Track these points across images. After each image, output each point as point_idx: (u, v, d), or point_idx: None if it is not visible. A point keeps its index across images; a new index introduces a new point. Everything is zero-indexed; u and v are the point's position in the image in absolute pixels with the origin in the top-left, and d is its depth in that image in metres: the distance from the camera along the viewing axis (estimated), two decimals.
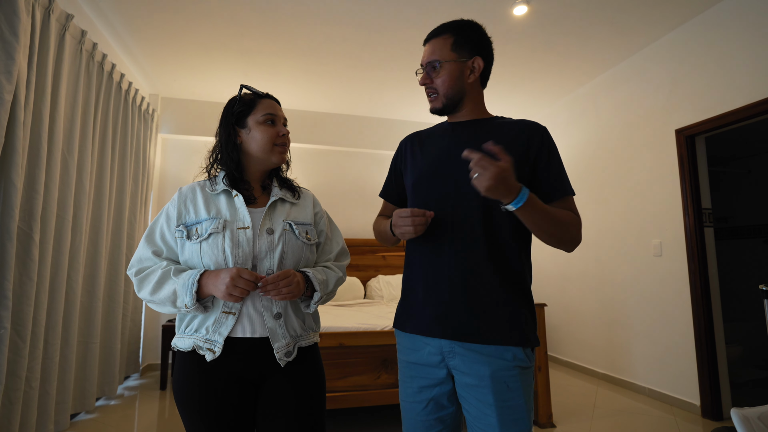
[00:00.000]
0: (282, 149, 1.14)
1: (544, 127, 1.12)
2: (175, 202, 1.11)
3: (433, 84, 1.14)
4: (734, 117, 2.60)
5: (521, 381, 0.99)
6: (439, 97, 1.14)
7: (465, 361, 1.01)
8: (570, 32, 2.99)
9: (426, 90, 1.17)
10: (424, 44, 1.18)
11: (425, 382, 1.07)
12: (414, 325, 1.10)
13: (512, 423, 0.97)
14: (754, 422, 1.02)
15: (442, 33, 1.14)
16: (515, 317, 1.02)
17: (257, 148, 1.12)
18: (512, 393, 0.98)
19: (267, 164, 1.15)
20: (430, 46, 1.14)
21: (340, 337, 2.29)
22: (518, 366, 1.00)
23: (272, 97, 1.18)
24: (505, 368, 0.99)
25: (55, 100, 2.26)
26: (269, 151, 1.12)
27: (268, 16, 2.82)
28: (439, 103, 1.15)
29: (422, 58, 1.16)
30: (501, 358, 0.99)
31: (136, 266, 1.07)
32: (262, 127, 1.12)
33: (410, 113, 4.57)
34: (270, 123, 1.13)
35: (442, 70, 1.12)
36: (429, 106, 1.19)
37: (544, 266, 4.34)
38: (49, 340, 2.24)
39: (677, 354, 2.92)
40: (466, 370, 1.01)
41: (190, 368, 1.03)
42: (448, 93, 1.13)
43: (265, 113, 1.13)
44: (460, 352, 1.02)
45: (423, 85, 1.16)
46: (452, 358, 1.03)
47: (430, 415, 1.06)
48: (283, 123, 1.17)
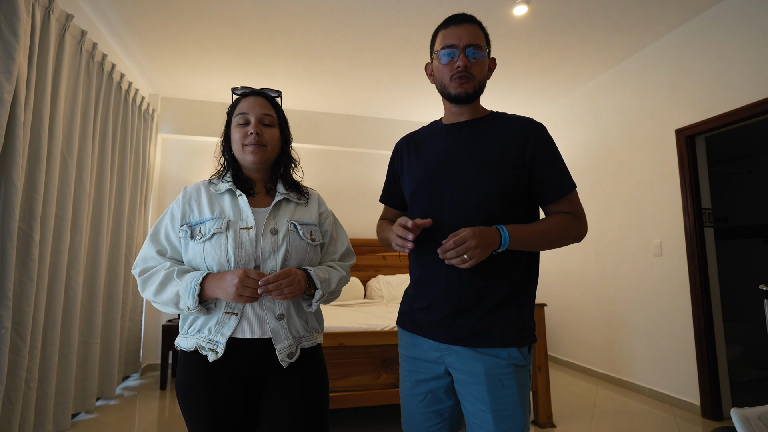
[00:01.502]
0: (253, 148, 1.10)
1: (540, 124, 1.11)
2: (180, 202, 1.11)
3: (471, 70, 1.07)
4: (734, 117, 2.60)
5: (516, 378, 1.00)
6: (472, 81, 1.07)
7: (460, 359, 1.03)
8: (570, 32, 2.99)
9: (460, 72, 1.06)
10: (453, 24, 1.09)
11: (423, 375, 1.10)
12: (414, 326, 1.12)
13: (506, 419, 0.98)
14: (754, 422, 1.02)
15: (473, 22, 1.09)
16: (512, 320, 1.03)
17: (235, 149, 1.13)
18: (507, 390, 0.99)
19: (246, 164, 1.14)
20: (469, 30, 1.07)
21: (341, 337, 2.29)
22: (513, 364, 1.01)
23: (257, 94, 1.15)
24: (500, 366, 1.00)
25: (55, 100, 2.26)
26: (242, 151, 1.11)
27: (267, 16, 2.82)
28: (472, 87, 1.08)
29: (454, 38, 1.07)
30: (496, 356, 1.01)
31: (141, 266, 1.07)
32: (236, 128, 1.12)
33: (410, 113, 4.58)
34: (242, 124, 1.11)
35: (483, 59, 1.08)
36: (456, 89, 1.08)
37: (544, 266, 4.34)
38: (47, 340, 2.24)
39: (677, 354, 2.92)
40: (462, 368, 1.03)
41: (193, 368, 1.03)
42: (481, 82, 1.09)
43: (239, 113, 1.12)
44: (457, 350, 1.04)
45: (463, 68, 1.06)
46: (448, 356, 1.05)
47: (428, 407, 1.09)
48: (263, 121, 1.12)
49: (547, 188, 1.08)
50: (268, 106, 1.15)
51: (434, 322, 1.06)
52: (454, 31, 1.08)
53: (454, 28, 1.08)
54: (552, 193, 1.09)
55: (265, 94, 1.17)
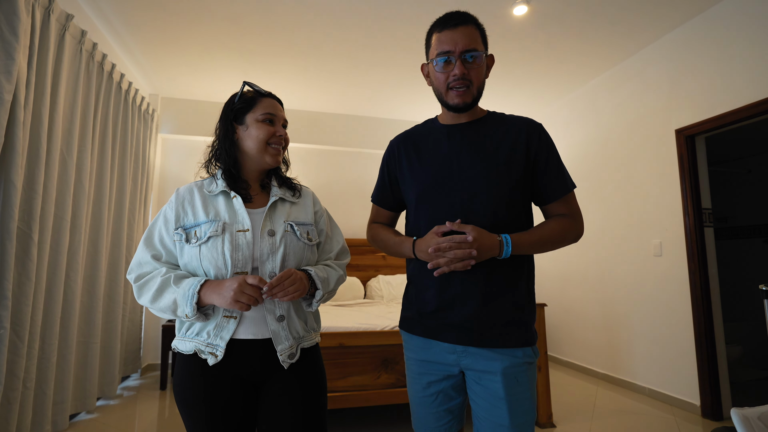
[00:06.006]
0: (276, 150, 1.11)
1: (539, 124, 1.12)
2: (173, 204, 1.08)
3: (469, 75, 1.03)
4: (734, 117, 2.60)
5: (528, 375, 1.05)
6: (471, 90, 1.05)
7: (478, 359, 1.05)
8: (570, 32, 2.99)
9: (457, 81, 1.03)
10: (447, 27, 1.05)
11: (435, 377, 1.11)
12: (425, 330, 1.11)
13: (521, 414, 1.02)
14: (754, 422, 1.02)
15: (468, 22, 1.05)
16: (524, 321, 1.07)
17: (252, 146, 1.10)
18: (521, 387, 1.03)
19: (261, 164, 1.13)
20: (465, 32, 1.03)
21: (340, 337, 2.29)
22: (526, 362, 1.05)
23: (275, 97, 1.16)
24: (516, 365, 1.03)
25: (55, 100, 2.26)
26: (263, 150, 1.10)
27: (268, 16, 2.82)
28: (470, 97, 1.05)
29: (450, 43, 1.03)
30: (512, 356, 1.04)
31: (136, 271, 1.06)
32: (259, 125, 1.10)
33: (410, 113, 4.58)
34: (268, 122, 1.11)
35: (481, 61, 1.05)
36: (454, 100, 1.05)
37: (544, 266, 4.34)
38: (46, 340, 2.24)
39: (677, 354, 2.92)
40: (479, 368, 1.05)
41: (192, 371, 1.02)
42: (480, 87, 1.07)
43: (264, 112, 1.11)
44: (473, 352, 1.05)
45: (460, 76, 1.02)
46: (465, 358, 1.07)
47: (440, 406, 1.11)
48: (282, 125, 1.15)
49: (548, 188, 1.10)
50: (283, 111, 1.18)
51: (450, 324, 1.07)
52: (450, 36, 1.04)
53: (449, 33, 1.04)
54: (552, 192, 1.10)
55: (280, 100, 1.20)
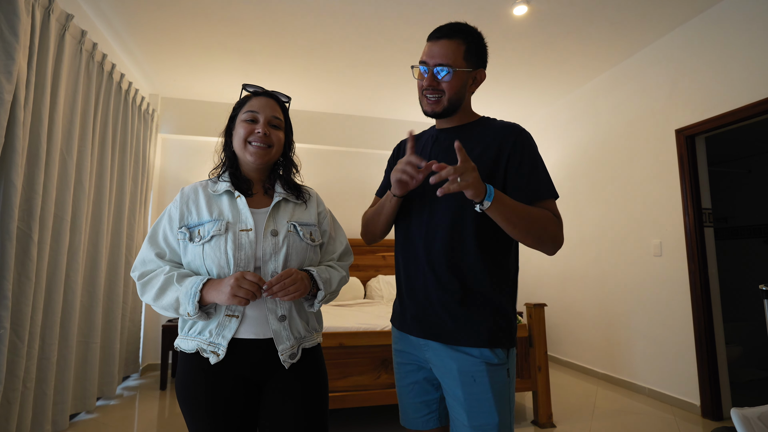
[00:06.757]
0: (256, 148, 1.08)
1: (521, 129, 1.10)
2: (177, 203, 1.09)
3: (440, 86, 1.08)
4: (734, 117, 2.60)
5: (489, 377, 1.01)
6: (442, 100, 1.10)
7: (437, 355, 1.07)
8: (570, 32, 2.99)
9: (427, 91, 1.10)
10: (431, 39, 1.10)
11: (410, 367, 1.16)
12: (401, 322, 1.18)
13: (481, 415, 1.00)
14: (754, 422, 1.02)
15: (454, 37, 1.08)
16: (485, 320, 1.04)
17: (237, 144, 1.11)
18: (479, 387, 1.01)
19: (247, 163, 1.12)
20: (442, 47, 1.07)
21: (340, 337, 2.29)
22: (485, 363, 1.02)
23: (271, 96, 1.14)
24: (472, 364, 1.02)
25: (55, 100, 2.26)
26: (244, 149, 1.09)
27: (267, 16, 2.82)
28: (440, 107, 1.11)
29: (428, 55, 1.09)
30: (468, 354, 1.03)
31: (140, 269, 1.06)
32: (241, 124, 1.10)
33: (410, 113, 4.57)
34: (249, 121, 1.09)
35: (454, 76, 1.07)
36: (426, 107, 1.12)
37: (544, 266, 4.34)
38: (46, 340, 2.24)
39: (677, 354, 2.92)
40: (438, 364, 1.08)
41: (194, 369, 1.02)
42: (452, 99, 1.10)
43: (248, 110, 1.10)
44: (434, 347, 1.08)
45: (428, 86, 1.09)
46: (426, 351, 1.10)
47: (416, 398, 1.14)
48: (274, 124, 1.12)
49: (521, 191, 1.04)
50: (278, 109, 1.14)
51: (414, 317, 1.12)
52: (429, 47, 1.09)
53: (431, 44, 1.10)
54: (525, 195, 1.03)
55: (276, 96, 1.16)
